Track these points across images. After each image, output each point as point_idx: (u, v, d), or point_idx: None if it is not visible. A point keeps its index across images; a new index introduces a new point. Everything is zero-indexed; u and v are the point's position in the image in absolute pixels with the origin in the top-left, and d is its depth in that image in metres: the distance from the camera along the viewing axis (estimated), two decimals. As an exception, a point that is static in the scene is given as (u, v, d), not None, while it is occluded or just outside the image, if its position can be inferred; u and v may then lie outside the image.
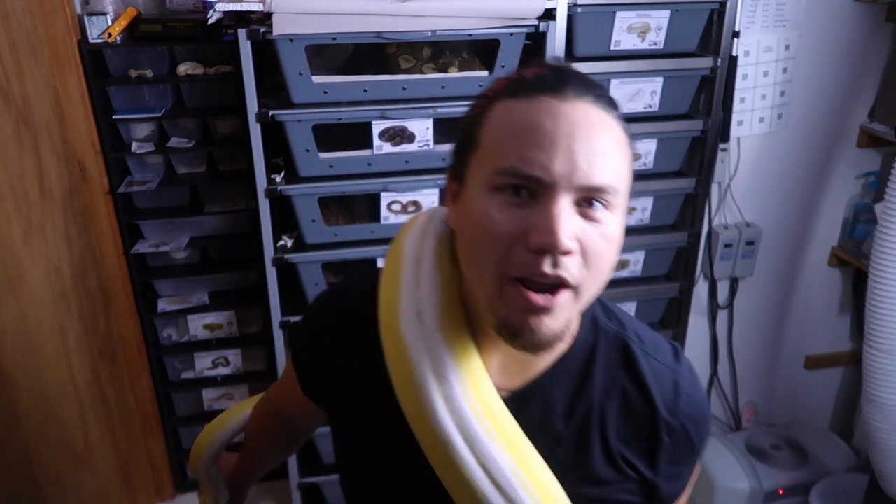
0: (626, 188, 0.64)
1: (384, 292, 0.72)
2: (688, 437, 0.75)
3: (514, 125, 0.62)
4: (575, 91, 0.62)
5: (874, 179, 2.05)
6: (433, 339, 0.68)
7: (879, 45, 1.94)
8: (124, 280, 1.81)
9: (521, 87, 0.64)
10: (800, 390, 2.36)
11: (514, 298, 0.62)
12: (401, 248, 0.74)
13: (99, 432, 1.88)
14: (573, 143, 0.60)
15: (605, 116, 0.63)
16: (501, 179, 0.61)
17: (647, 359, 0.75)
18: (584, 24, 1.59)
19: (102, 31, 1.59)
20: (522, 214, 0.61)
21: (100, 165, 1.70)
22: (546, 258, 0.59)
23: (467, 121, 0.69)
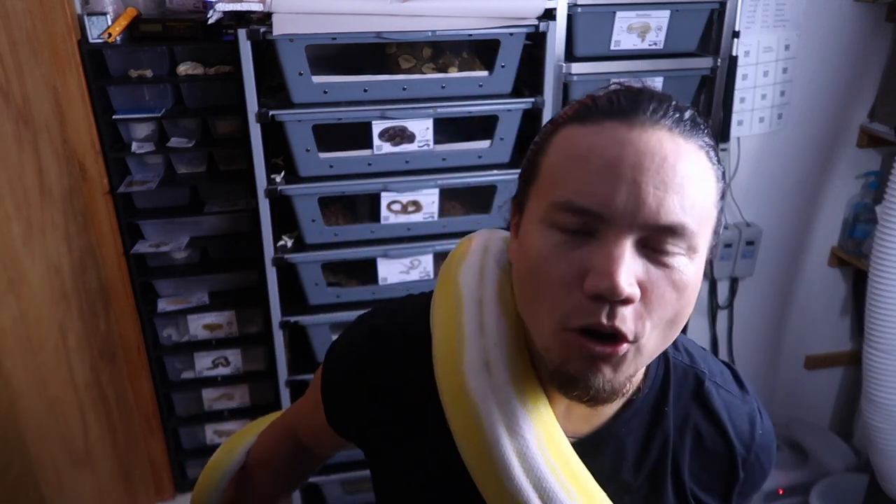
0: (708, 227, 0.56)
1: (443, 341, 0.65)
2: (762, 470, 0.73)
3: (574, 154, 0.55)
4: (649, 115, 0.55)
5: (874, 179, 2.05)
6: (504, 392, 0.61)
7: (879, 45, 1.94)
8: (124, 280, 1.81)
9: (590, 112, 0.57)
10: (800, 390, 2.36)
11: (570, 346, 0.55)
12: (457, 287, 0.66)
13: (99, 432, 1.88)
14: (639, 175, 0.52)
15: (684, 144, 0.55)
16: (558, 215, 0.55)
17: (720, 392, 0.71)
18: (584, 24, 1.59)
19: (102, 31, 1.59)
20: (580, 255, 0.54)
21: (100, 165, 1.70)
22: (603, 306, 0.53)
23: (532, 147, 0.63)
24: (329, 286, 1.69)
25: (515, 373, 0.62)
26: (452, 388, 0.63)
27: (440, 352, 0.65)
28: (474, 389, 0.61)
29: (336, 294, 1.70)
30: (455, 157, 1.60)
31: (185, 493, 2.10)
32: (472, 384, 0.61)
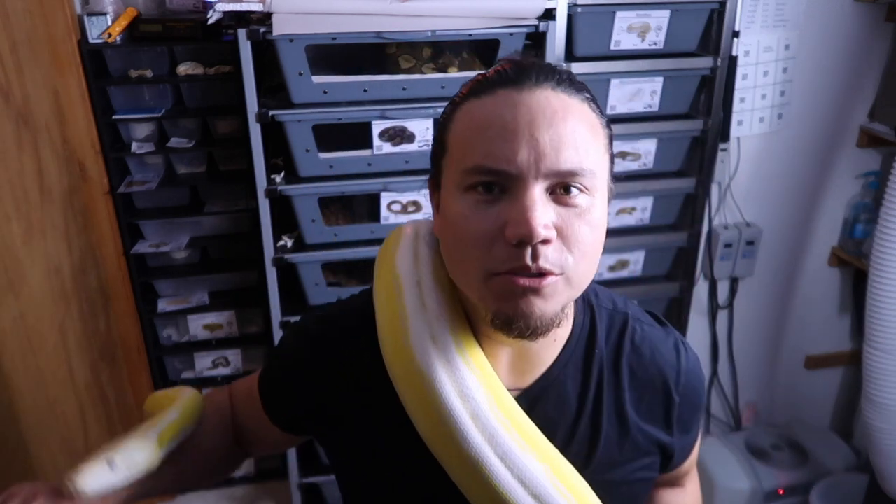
0: (603, 169, 0.63)
1: (387, 321, 0.70)
2: (695, 392, 0.79)
3: (476, 123, 0.62)
4: (534, 79, 0.61)
5: (874, 179, 2.05)
6: (452, 362, 0.66)
7: (879, 45, 1.94)
8: (124, 280, 1.81)
9: (483, 86, 0.64)
10: (800, 390, 2.36)
11: (502, 288, 0.61)
12: (394, 270, 0.71)
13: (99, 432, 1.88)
14: (535, 130, 0.59)
15: (569, 100, 0.62)
16: (470, 178, 0.61)
17: (643, 328, 0.77)
18: (584, 24, 1.59)
19: (102, 31, 1.59)
20: (496, 210, 0.60)
21: (100, 165, 1.70)
22: (525, 250, 0.58)
23: (438, 128, 0.68)
24: (329, 286, 1.69)
25: (459, 342, 0.67)
26: (402, 364, 0.67)
27: (386, 331, 0.69)
28: (424, 362, 0.66)
29: (336, 294, 1.70)
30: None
31: (185, 493, 2.10)
32: (420, 358, 0.66)
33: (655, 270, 1.92)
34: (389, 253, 0.74)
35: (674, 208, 1.85)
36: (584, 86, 0.65)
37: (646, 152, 1.76)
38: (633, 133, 1.72)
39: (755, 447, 2.14)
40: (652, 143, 1.74)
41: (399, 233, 0.76)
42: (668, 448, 0.78)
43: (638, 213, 1.82)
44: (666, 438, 0.77)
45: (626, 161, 1.76)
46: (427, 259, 0.71)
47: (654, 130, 1.73)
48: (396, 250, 0.73)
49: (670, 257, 1.90)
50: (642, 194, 1.79)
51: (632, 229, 1.84)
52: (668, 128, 1.74)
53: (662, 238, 1.86)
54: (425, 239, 0.74)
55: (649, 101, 1.71)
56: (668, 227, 1.88)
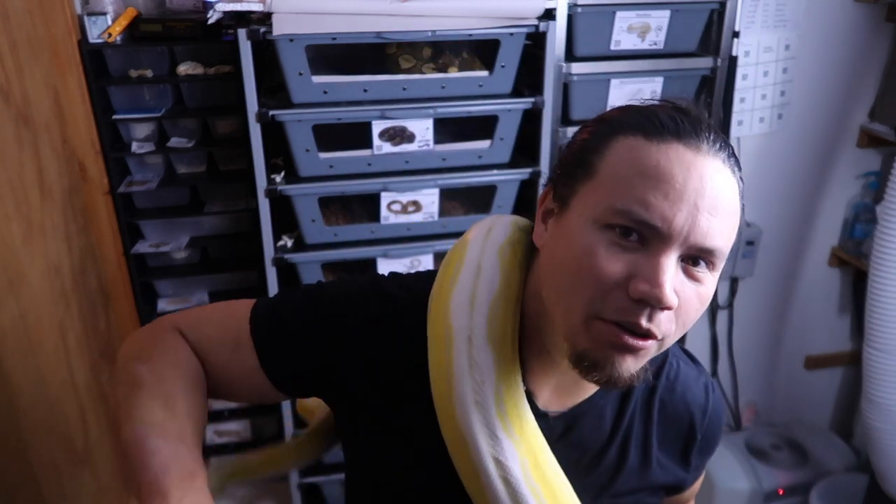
0: (729, 249, 0.63)
1: (437, 368, 0.69)
2: (715, 433, 0.82)
3: (640, 166, 0.60)
4: (710, 145, 0.61)
5: (874, 179, 2.05)
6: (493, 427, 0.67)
7: (879, 45, 1.94)
8: (124, 280, 1.81)
9: (654, 127, 0.61)
10: (800, 390, 2.36)
11: (602, 334, 0.60)
12: (448, 318, 0.69)
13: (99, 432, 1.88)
14: (699, 200, 0.58)
15: (732, 179, 0.62)
16: (616, 219, 0.59)
17: (680, 363, 0.80)
18: (584, 24, 1.59)
19: (102, 31, 1.59)
20: (629, 259, 0.59)
21: (100, 165, 1.70)
22: (644, 310, 0.58)
23: (581, 143, 0.66)
24: (329, 286, 1.69)
25: (502, 406, 0.67)
26: (447, 418, 0.68)
27: (435, 375, 0.69)
28: (465, 425, 0.66)
29: (336, 294, 1.70)
30: (455, 157, 1.60)
31: (185, 493, 2.10)
32: (462, 420, 0.66)
33: (655, 270, 1.92)
34: (447, 286, 0.71)
35: (674, 208, 1.85)
36: (739, 163, 0.66)
37: (646, 152, 1.76)
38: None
39: (755, 447, 2.14)
40: (652, 143, 1.74)
41: (460, 252, 0.73)
42: (680, 481, 0.82)
43: (638, 213, 1.82)
44: (681, 474, 0.81)
45: (626, 161, 1.76)
46: (484, 302, 0.69)
47: (654, 130, 1.73)
48: (454, 284, 0.71)
49: (670, 257, 1.90)
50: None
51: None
52: (668, 128, 1.74)
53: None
54: (502, 228, 0.73)
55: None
56: (668, 227, 1.88)
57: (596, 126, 0.66)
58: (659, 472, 0.78)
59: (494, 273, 0.70)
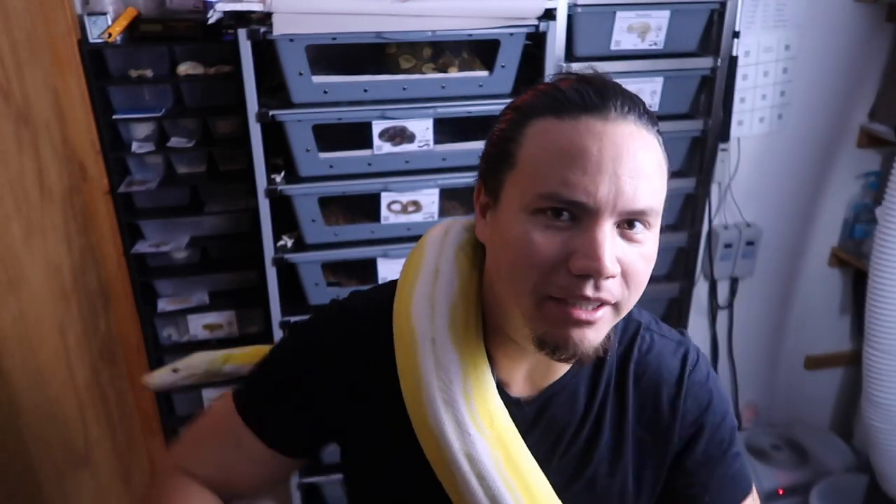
0: (662, 205, 0.64)
1: (406, 373, 0.70)
2: (705, 401, 0.77)
3: (556, 147, 0.60)
4: (618, 110, 0.61)
5: (874, 179, 2.06)
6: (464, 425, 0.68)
7: (879, 45, 1.94)
8: (124, 280, 1.81)
9: (562, 105, 0.62)
10: (800, 390, 2.36)
11: (554, 314, 0.62)
12: (411, 322, 0.71)
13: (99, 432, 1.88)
14: (618, 167, 0.59)
15: (648, 136, 0.63)
16: (543, 203, 0.60)
17: (653, 336, 0.78)
18: (584, 24, 1.59)
19: (102, 30, 1.59)
20: (564, 238, 0.60)
21: (100, 165, 1.70)
22: (588, 282, 0.60)
23: (499, 134, 0.67)
24: (329, 286, 1.69)
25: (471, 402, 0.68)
26: (418, 418, 0.69)
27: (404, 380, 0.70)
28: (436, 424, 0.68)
29: (336, 294, 1.69)
30: (455, 157, 1.60)
31: None
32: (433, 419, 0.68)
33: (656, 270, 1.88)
34: (407, 292, 0.72)
35: (674, 208, 1.85)
36: (656, 119, 0.66)
37: (646, 152, 1.76)
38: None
39: (755, 447, 2.14)
40: (652, 143, 1.74)
41: (418, 257, 0.75)
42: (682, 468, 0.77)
43: (638, 213, 1.82)
44: (670, 452, 0.76)
45: (626, 161, 1.76)
46: (444, 304, 0.70)
47: (654, 130, 1.73)
48: (414, 289, 0.72)
49: (670, 257, 1.90)
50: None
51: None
52: (669, 128, 1.74)
53: (662, 238, 1.83)
54: (456, 231, 0.75)
55: (649, 101, 1.71)
56: (668, 227, 1.88)
57: (510, 115, 0.67)
58: (636, 450, 0.75)
59: (452, 273, 0.71)
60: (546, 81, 0.67)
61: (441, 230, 0.76)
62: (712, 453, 0.77)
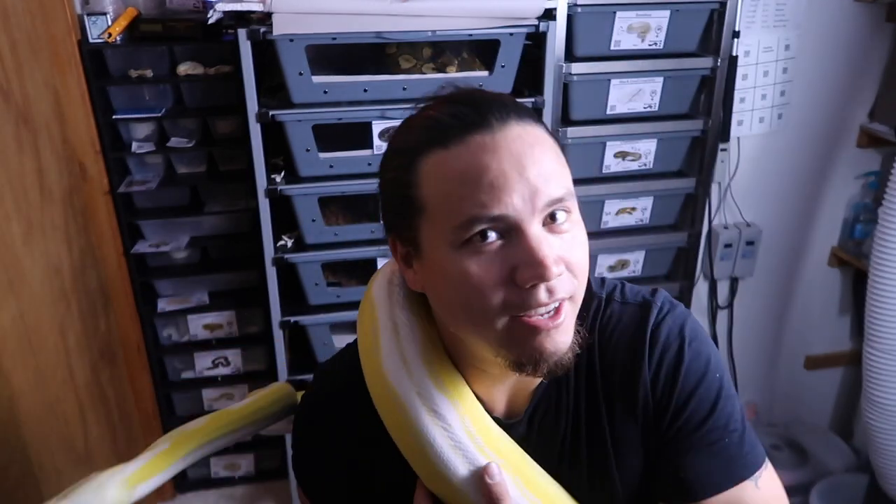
0: (572, 184, 0.63)
1: (365, 351, 0.71)
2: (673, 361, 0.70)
3: (456, 175, 0.59)
4: (498, 118, 0.60)
5: (874, 179, 2.06)
6: (423, 384, 0.67)
7: (879, 45, 1.94)
8: (124, 280, 1.81)
9: (443, 133, 0.61)
10: (800, 390, 2.36)
11: (521, 333, 0.60)
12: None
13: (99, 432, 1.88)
14: (523, 170, 0.59)
15: (534, 130, 0.62)
16: (465, 233, 0.59)
17: (613, 306, 0.74)
18: (584, 24, 1.59)
19: (102, 31, 1.59)
20: (501, 256, 0.59)
21: (100, 165, 1.70)
22: (540, 289, 0.59)
23: (393, 183, 0.65)
24: (329, 286, 1.69)
25: (431, 364, 0.68)
26: (379, 387, 0.68)
27: (364, 360, 0.71)
28: (396, 383, 0.67)
29: (336, 294, 1.70)
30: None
31: (185, 493, 2.10)
32: (393, 379, 0.67)
33: (655, 270, 1.92)
34: (372, 354, 0.72)
35: (674, 208, 1.85)
36: (530, 109, 0.65)
37: (646, 152, 1.76)
38: (633, 133, 1.72)
39: (755, 447, 2.14)
40: (652, 143, 1.74)
41: (370, 314, 0.74)
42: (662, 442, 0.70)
43: (638, 213, 1.82)
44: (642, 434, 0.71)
45: (626, 161, 1.76)
46: (416, 356, 0.69)
47: (654, 130, 1.73)
48: (380, 350, 0.71)
49: (670, 257, 1.90)
50: (642, 194, 1.79)
51: (632, 229, 1.84)
52: (668, 128, 1.74)
53: (662, 238, 1.86)
54: (403, 307, 0.72)
55: (649, 101, 1.71)
56: (668, 227, 1.88)
57: (395, 161, 0.65)
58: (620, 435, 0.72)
59: (411, 325, 0.70)
60: (413, 115, 0.66)
61: (384, 281, 0.75)
62: (690, 423, 0.69)
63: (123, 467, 0.79)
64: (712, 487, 0.69)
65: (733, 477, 0.69)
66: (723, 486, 0.69)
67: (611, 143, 1.72)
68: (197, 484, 2.10)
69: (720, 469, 0.69)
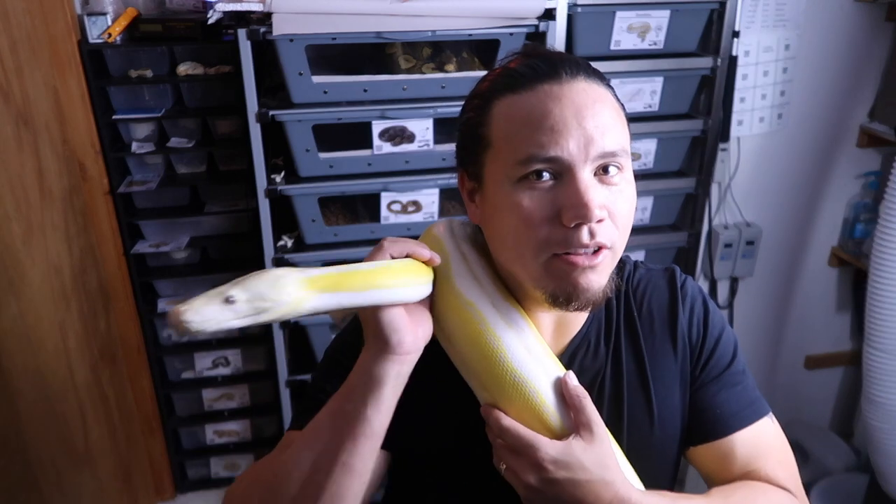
0: (629, 146, 0.69)
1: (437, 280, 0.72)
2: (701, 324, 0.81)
3: (522, 117, 0.66)
4: (568, 72, 0.67)
5: (874, 179, 2.06)
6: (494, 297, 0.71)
7: (879, 45, 1.94)
8: (124, 280, 1.81)
9: (517, 81, 0.68)
10: (800, 390, 2.36)
11: (560, 268, 0.66)
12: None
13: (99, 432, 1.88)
14: (582, 120, 0.64)
15: (600, 89, 0.68)
16: (523, 169, 0.65)
17: (639, 268, 0.84)
18: (584, 24, 1.59)
19: (102, 31, 1.59)
20: (552, 196, 0.65)
21: (100, 165, 1.70)
22: (583, 230, 0.64)
23: (468, 123, 0.72)
24: (329, 286, 1.69)
25: (498, 284, 0.73)
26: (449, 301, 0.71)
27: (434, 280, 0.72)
28: (469, 296, 0.70)
29: (336, 294, 1.70)
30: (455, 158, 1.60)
31: (185, 493, 2.10)
32: (467, 292, 0.70)
33: (655, 270, 1.92)
34: (444, 274, 0.73)
35: (674, 208, 1.85)
36: (602, 74, 0.71)
37: (646, 152, 1.76)
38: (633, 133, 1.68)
39: (755, 447, 2.14)
40: (652, 143, 1.74)
41: (439, 244, 0.75)
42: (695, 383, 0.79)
43: (638, 213, 1.82)
44: (687, 369, 0.79)
45: (626, 161, 1.76)
46: (485, 276, 0.74)
47: (654, 130, 1.73)
48: (451, 274, 0.73)
49: (670, 257, 1.90)
50: (642, 194, 1.79)
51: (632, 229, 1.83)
52: (668, 128, 1.74)
53: (662, 238, 1.86)
54: (467, 242, 0.77)
55: (649, 101, 1.71)
56: (668, 227, 1.88)
57: (472, 103, 0.72)
58: (657, 377, 0.78)
59: (477, 255, 0.75)
60: (495, 68, 0.72)
61: (445, 226, 0.79)
62: (718, 366, 0.80)
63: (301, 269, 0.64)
64: (745, 420, 0.79)
65: (759, 412, 0.80)
66: (752, 420, 0.79)
67: (611, 143, 1.72)
68: (197, 484, 2.10)
69: (748, 406, 0.80)
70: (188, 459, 2.09)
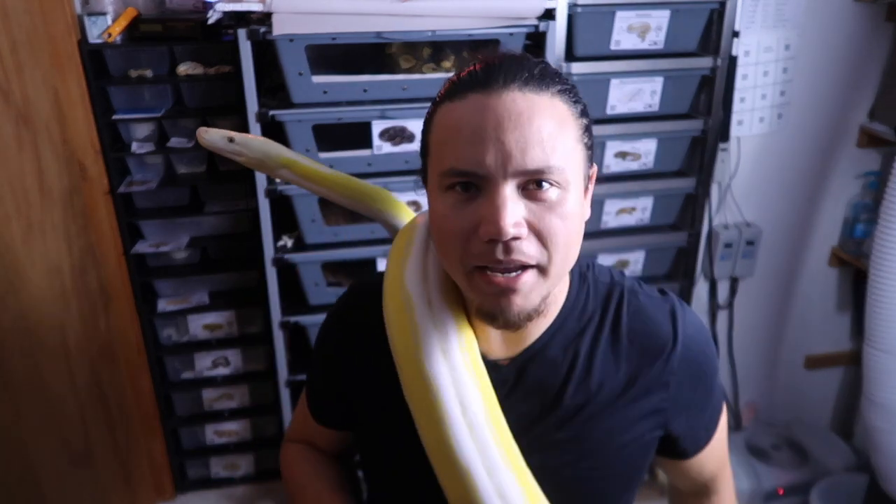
0: (575, 161, 0.66)
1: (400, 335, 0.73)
2: (695, 363, 0.78)
3: (451, 127, 0.66)
4: (501, 81, 0.64)
5: (874, 179, 2.06)
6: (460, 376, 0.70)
7: (879, 45, 1.94)
8: (124, 280, 1.81)
9: (455, 88, 0.67)
10: (800, 390, 2.36)
11: (481, 285, 0.66)
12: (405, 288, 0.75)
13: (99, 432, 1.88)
14: (501, 134, 0.62)
15: (536, 98, 0.64)
16: (447, 180, 0.65)
17: (638, 298, 0.79)
18: (584, 24, 1.59)
19: (102, 31, 1.59)
20: (472, 209, 0.64)
21: (100, 165, 1.70)
22: (497, 246, 0.63)
23: (423, 129, 0.73)
24: (329, 286, 1.70)
25: (465, 354, 0.72)
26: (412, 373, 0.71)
27: (398, 342, 0.73)
28: (433, 374, 0.69)
29: (336, 294, 1.69)
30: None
31: (185, 493, 2.10)
32: (431, 369, 0.70)
33: (655, 270, 1.92)
34: (399, 263, 0.77)
35: (674, 208, 1.85)
36: (556, 78, 0.67)
37: (646, 152, 1.76)
38: (633, 133, 1.72)
39: (755, 447, 2.14)
40: (652, 143, 1.74)
41: (409, 233, 0.80)
42: (672, 424, 0.78)
43: (638, 213, 1.82)
44: (663, 405, 0.77)
45: (626, 161, 1.76)
46: (434, 272, 0.75)
47: (654, 130, 1.73)
48: (406, 262, 0.76)
49: (670, 257, 1.90)
50: (642, 194, 1.79)
51: (632, 229, 1.84)
52: (668, 128, 1.74)
53: (662, 238, 1.86)
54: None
55: (649, 101, 1.71)
56: (668, 227, 1.88)
57: (429, 109, 0.73)
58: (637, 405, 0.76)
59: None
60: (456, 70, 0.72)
61: (424, 218, 0.81)
62: (699, 397, 0.80)
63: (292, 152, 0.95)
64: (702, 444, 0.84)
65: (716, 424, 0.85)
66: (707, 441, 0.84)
67: (611, 143, 1.72)
68: (197, 484, 2.10)
69: (712, 424, 0.84)
70: (188, 459, 2.09)
